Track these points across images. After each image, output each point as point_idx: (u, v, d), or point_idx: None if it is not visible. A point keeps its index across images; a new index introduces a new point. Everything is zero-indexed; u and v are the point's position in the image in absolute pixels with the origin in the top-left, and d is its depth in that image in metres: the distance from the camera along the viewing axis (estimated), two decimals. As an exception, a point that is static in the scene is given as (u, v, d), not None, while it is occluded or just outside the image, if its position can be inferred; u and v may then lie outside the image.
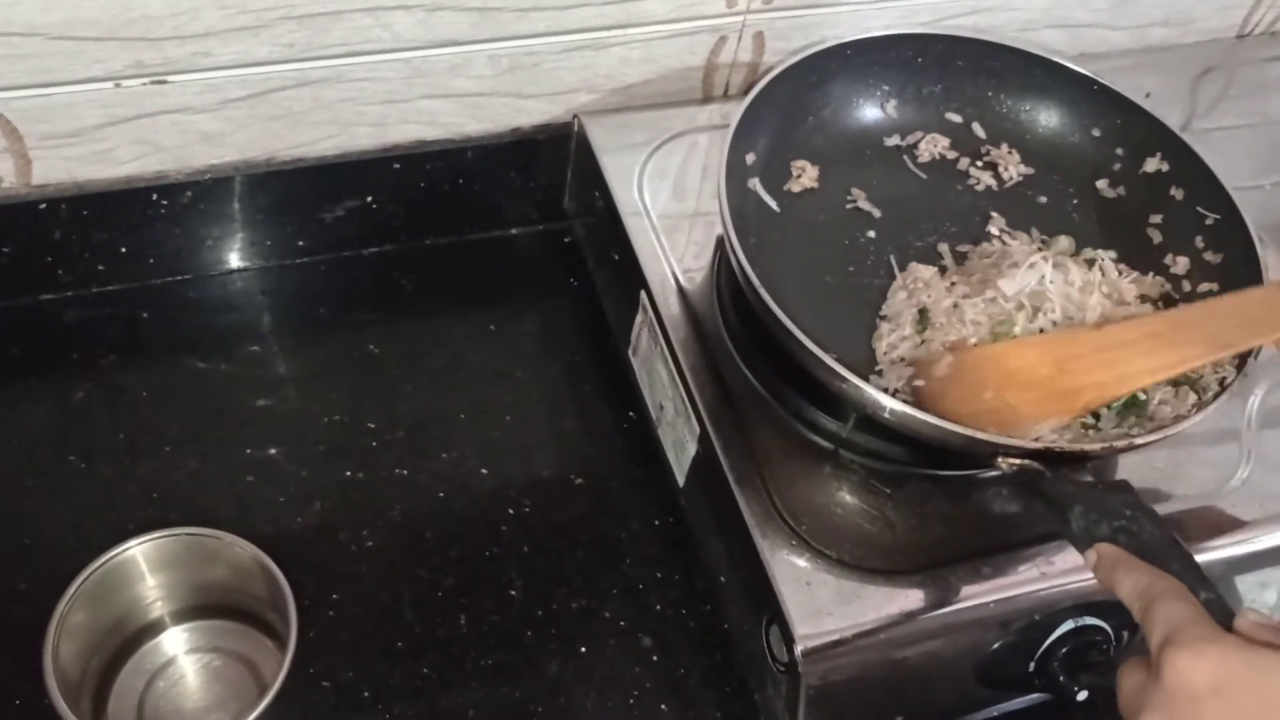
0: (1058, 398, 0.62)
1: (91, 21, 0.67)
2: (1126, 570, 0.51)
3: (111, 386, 0.78)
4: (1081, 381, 0.62)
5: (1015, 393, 0.62)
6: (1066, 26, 0.91)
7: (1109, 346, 0.63)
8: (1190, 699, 0.45)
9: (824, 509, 0.66)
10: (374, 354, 0.82)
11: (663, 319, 0.72)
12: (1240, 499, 0.69)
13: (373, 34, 0.73)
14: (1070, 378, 0.62)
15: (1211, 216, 0.73)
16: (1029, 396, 0.62)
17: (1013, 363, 0.63)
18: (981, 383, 0.63)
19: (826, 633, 0.62)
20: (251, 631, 0.68)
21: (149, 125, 0.74)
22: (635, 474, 0.78)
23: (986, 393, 0.62)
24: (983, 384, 0.63)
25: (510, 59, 0.78)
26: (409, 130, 0.81)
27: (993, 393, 0.62)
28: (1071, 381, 0.62)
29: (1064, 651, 0.65)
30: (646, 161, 0.80)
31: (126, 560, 0.63)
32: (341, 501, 0.75)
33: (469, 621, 0.71)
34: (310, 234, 0.84)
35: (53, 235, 0.77)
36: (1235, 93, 0.93)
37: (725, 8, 0.80)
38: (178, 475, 0.74)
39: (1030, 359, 0.63)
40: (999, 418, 0.62)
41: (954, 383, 0.64)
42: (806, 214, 0.76)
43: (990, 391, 0.63)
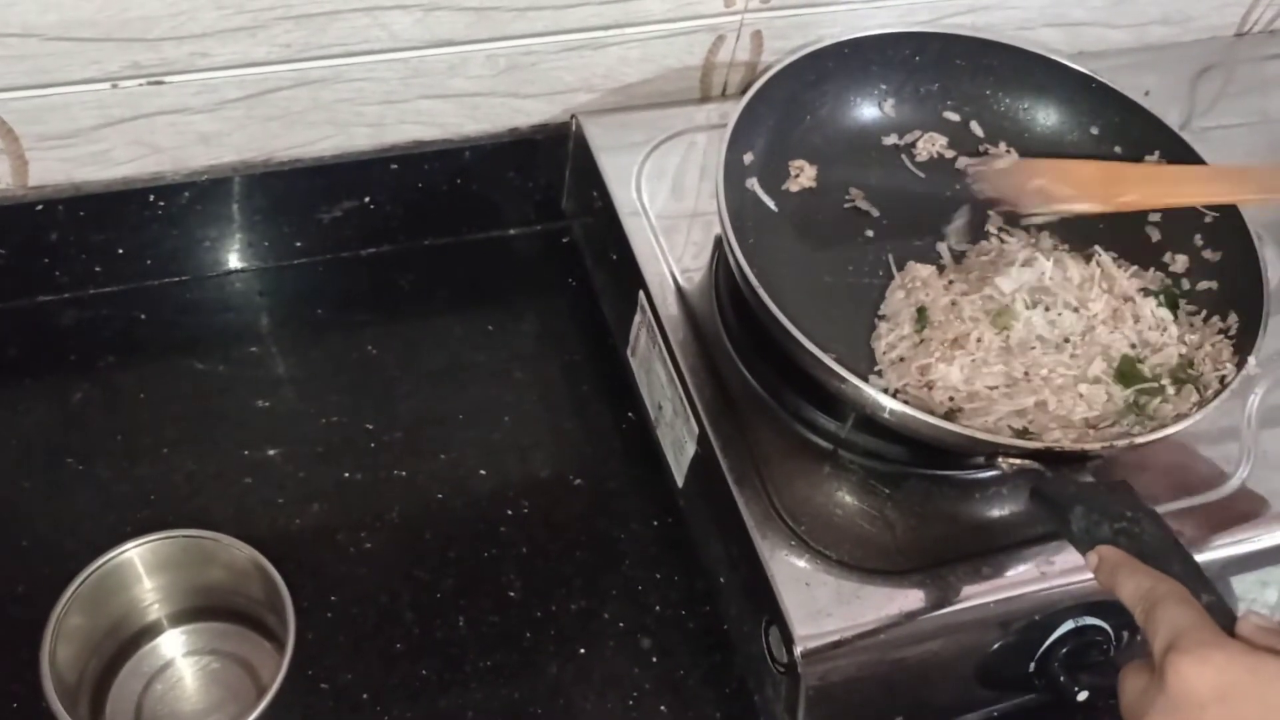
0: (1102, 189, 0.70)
1: (88, 22, 0.67)
2: (1128, 573, 0.51)
3: (109, 388, 0.77)
4: (1128, 186, 0.70)
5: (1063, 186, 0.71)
6: (1065, 25, 0.91)
7: (1164, 175, 0.71)
8: (1194, 705, 0.45)
9: (823, 509, 0.66)
10: (372, 355, 0.82)
11: (661, 319, 0.72)
12: (1241, 498, 0.69)
13: (370, 34, 0.73)
14: (1119, 185, 0.71)
15: (1210, 214, 0.73)
16: (1073, 190, 0.71)
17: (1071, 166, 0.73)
18: (1036, 172, 0.73)
19: (826, 633, 0.62)
20: (249, 633, 0.67)
21: (146, 126, 0.74)
22: (634, 474, 0.78)
23: (1038, 179, 0.71)
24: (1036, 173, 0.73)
25: (508, 59, 0.78)
26: (407, 130, 0.81)
27: (1043, 179, 0.71)
28: (1118, 186, 0.70)
29: (1064, 652, 0.65)
30: (645, 161, 0.80)
31: (123, 563, 0.63)
32: (340, 503, 0.75)
33: (468, 623, 0.71)
34: (308, 235, 0.84)
35: (50, 237, 0.77)
36: (1234, 91, 0.93)
37: (723, 7, 0.80)
38: (176, 477, 0.74)
39: (1089, 169, 0.73)
40: (1040, 196, 0.70)
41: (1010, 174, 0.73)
42: (805, 213, 0.76)
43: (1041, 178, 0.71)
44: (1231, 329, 0.69)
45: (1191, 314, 0.71)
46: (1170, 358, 0.68)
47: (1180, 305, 0.72)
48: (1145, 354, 0.68)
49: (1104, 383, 0.66)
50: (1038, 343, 0.67)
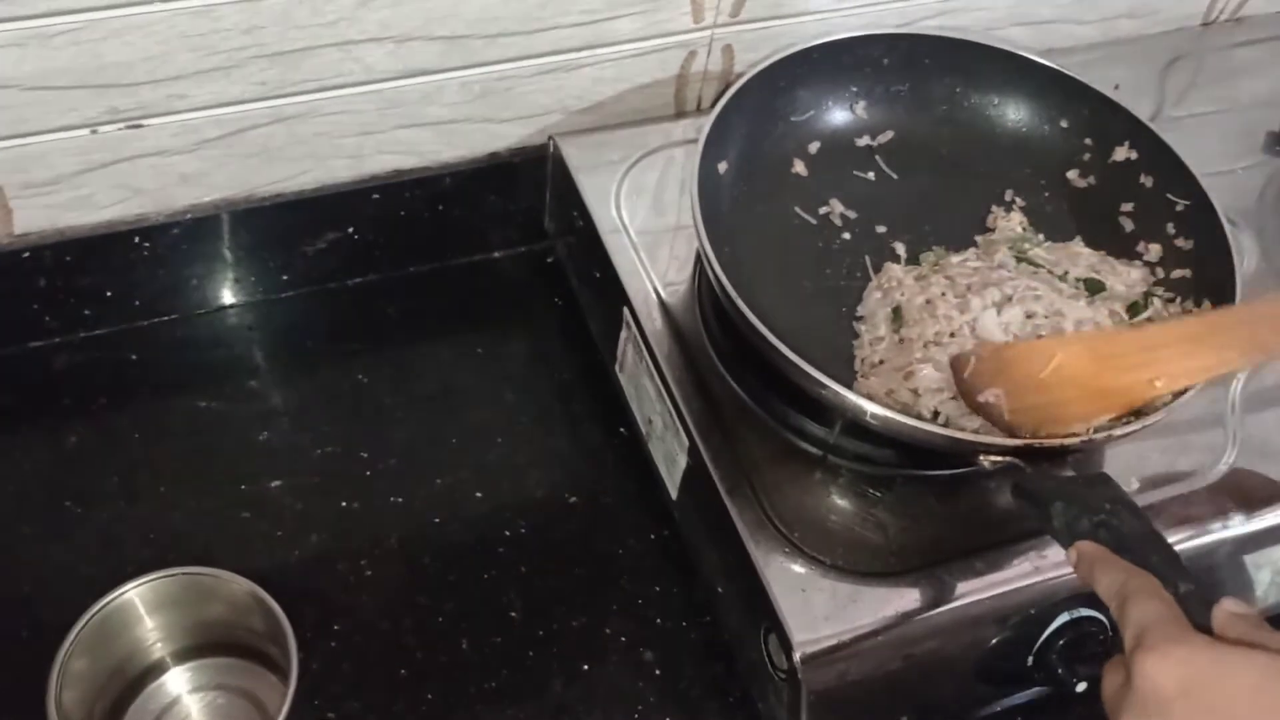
0: (1101, 396, 0.62)
1: (64, 70, 0.67)
2: (1104, 568, 0.51)
3: (104, 430, 0.78)
4: (1122, 380, 0.62)
5: (1060, 390, 0.62)
6: (1032, 24, 0.92)
7: (1147, 346, 0.63)
8: (1160, 702, 0.45)
9: (816, 515, 0.67)
10: (363, 383, 0.82)
11: (646, 334, 0.73)
12: (1228, 484, 0.70)
13: (344, 67, 0.74)
14: (1111, 375, 0.62)
15: (1181, 203, 0.73)
16: (1072, 394, 0.62)
17: (1057, 357, 0.63)
18: (1026, 382, 0.63)
19: (824, 638, 0.62)
20: (254, 667, 0.68)
21: (127, 169, 0.74)
22: (629, 489, 0.79)
23: (1031, 394, 0.63)
24: (1028, 383, 0.63)
25: (482, 85, 0.79)
26: (386, 160, 0.81)
27: (1038, 392, 0.63)
28: (1112, 380, 0.62)
29: (1061, 644, 0.65)
30: (623, 179, 0.80)
31: (124, 604, 0.63)
32: (338, 532, 0.75)
33: (470, 645, 0.71)
34: (294, 268, 0.85)
35: (37, 283, 0.78)
36: (1204, 80, 0.94)
37: (692, 23, 0.81)
38: (174, 515, 0.75)
39: (1073, 353, 0.63)
40: (1047, 414, 0.62)
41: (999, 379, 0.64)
42: (782, 220, 0.76)
43: (1035, 392, 0.63)
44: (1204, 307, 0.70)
45: (1167, 300, 0.72)
46: None
47: (1155, 300, 0.72)
48: None
49: None
50: (1012, 339, 0.67)
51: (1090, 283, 0.71)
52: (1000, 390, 0.63)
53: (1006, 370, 0.63)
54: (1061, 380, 0.62)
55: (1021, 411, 0.62)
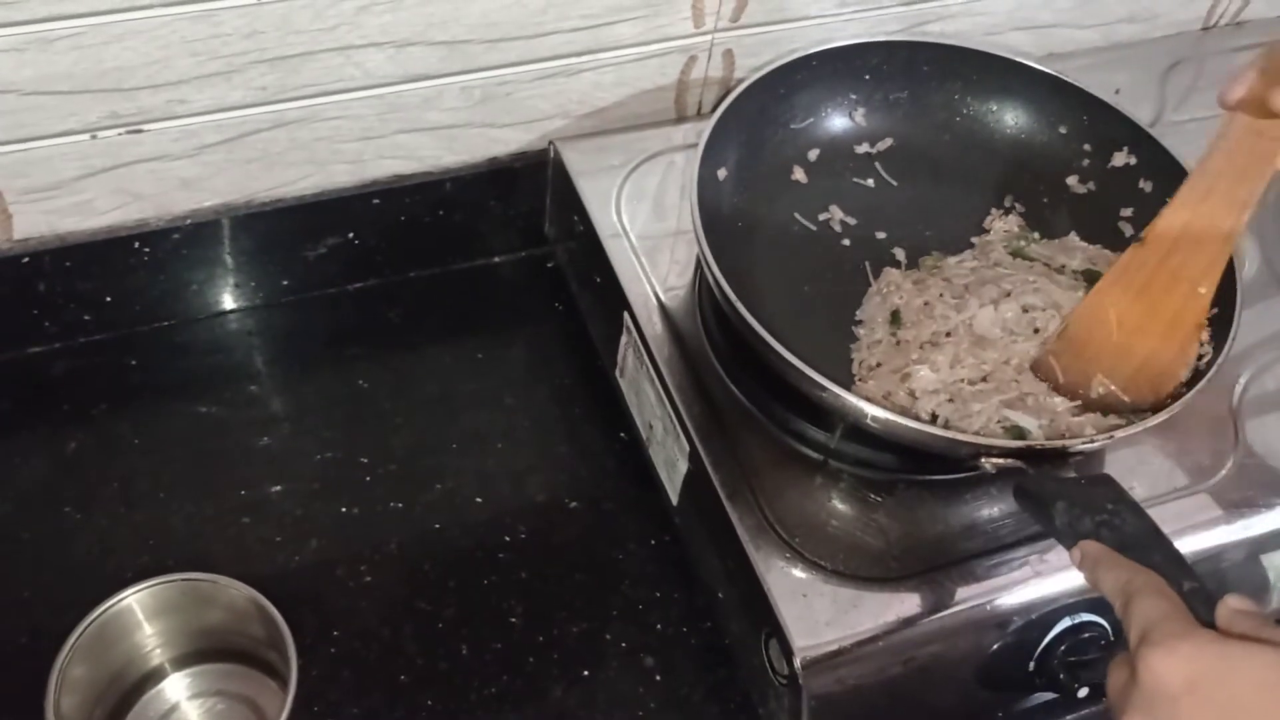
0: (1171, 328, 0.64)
1: (64, 75, 0.67)
2: (1108, 567, 0.51)
3: (103, 435, 0.78)
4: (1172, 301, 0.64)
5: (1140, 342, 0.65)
6: (1033, 28, 0.92)
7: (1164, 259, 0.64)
8: (1167, 698, 0.45)
9: (816, 520, 0.67)
10: (364, 389, 0.82)
11: (647, 339, 0.73)
12: (1231, 486, 0.70)
13: (344, 72, 0.74)
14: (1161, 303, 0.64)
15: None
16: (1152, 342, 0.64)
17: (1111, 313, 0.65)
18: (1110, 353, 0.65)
19: (825, 643, 0.62)
20: (253, 673, 0.68)
21: (127, 174, 0.74)
22: (629, 494, 0.79)
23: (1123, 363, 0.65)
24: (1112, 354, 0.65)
25: (482, 90, 0.79)
26: (386, 165, 0.81)
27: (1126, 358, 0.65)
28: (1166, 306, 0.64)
29: (1062, 649, 0.65)
30: (623, 183, 0.80)
31: (123, 610, 0.63)
32: (338, 538, 0.75)
33: (471, 651, 0.71)
34: (294, 273, 0.85)
35: (37, 288, 0.78)
36: (1204, 84, 0.94)
37: (693, 28, 0.81)
38: (174, 520, 0.75)
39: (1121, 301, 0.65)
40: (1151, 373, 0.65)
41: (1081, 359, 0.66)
42: (782, 226, 0.76)
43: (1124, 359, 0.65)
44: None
45: None
46: None
47: None
48: None
49: None
50: (1009, 334, 0.67)
51: (1088, 274, 0.71)
52: (1101, 376, 0.64)
53: (1085, 352, 0.65)
54: (1132, 331, 0.64)
55: (1132, 385, 0.64)
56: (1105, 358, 0.66)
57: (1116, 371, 0.65)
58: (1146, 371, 0.65)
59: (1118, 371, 0.65)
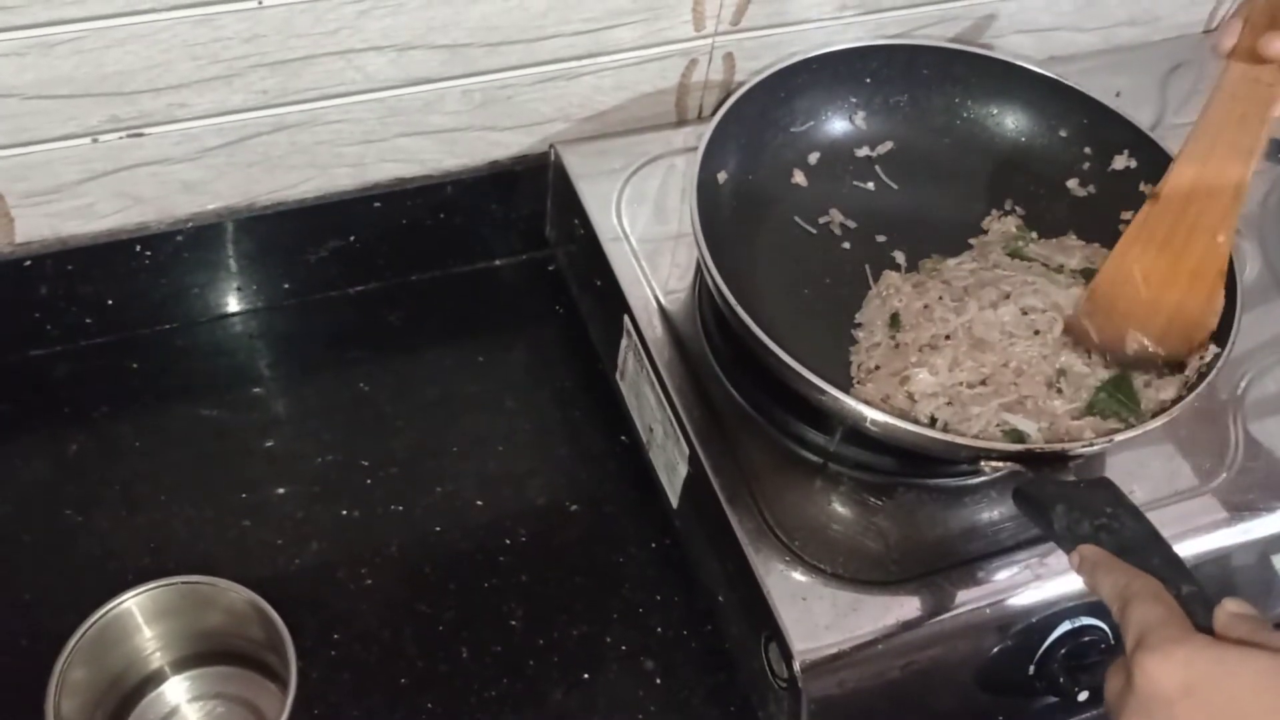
0: (1195, 278, 0.65)
1: (65, 79, 0.67)
2: (1106, 571, 0.52)
3: (105, 438, 0.78)
4: (1194, 253, 0.65)
5: (1167, 294, 0.65)
6: (1033, 31, 0.92)
7: (1180, 213, 0.65)
8: (1163, 702, 0.45)
9: (816, 523, 0.67)
10: (365, 392, 0.82)
11: (647, 342, 0.73)
12: (1235, 488, 0.70)
13: (345, 76, 0.74)
14: (1184, 256, 0.65)
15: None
16: (1178, 293, 0.65)
17: (1136, 270, 0.66)
18: (1140, 310, 0.66)
19: (825, 647, 0.62)
20: (253, 675, 0.68)
21: (128, 178, 0.75)
22: (630, 498, 0.79)
23: (1155, 318, 0.66)
24: (1143, 310, 0.66)
25: (483, 93, 0.79)
26: (387, 169, 0.82)
27: (1157, 312, 0.66)
28: (1188, 258, 0.65)
29: (1063, 653, 0.65)
30: (624, 187, 0.80)
31: (122, 613, 0.63)
32: (339, 541, 0.75)
33: (471, 654, 0.71)
34: (296, 276, 0.85)
35: (39, 291, 0.78)
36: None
37: (693, 31, 0.81)
38: (174, 523, 0.75)
39: (1144, 257, 0.66)
40: (1183, 325, 0.66)
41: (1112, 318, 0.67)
42: (782, 229, 0.76)
43: (1155, 313, 0.66)
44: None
45: None
46: None
47: None
48: None
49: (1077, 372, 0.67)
50: (1008, 337, 0.67)
51: (1087, 272, 0.72)
52: (1135, 332, 0.65)
53: (1115, 311, 0.66)
54: (1158, 286, 0.65)
55: (1165, 338, 0.65)
56: (1136, 314, 0.66)
57: (1149, 326, 0.66)
58: (1177, 323, 0.66)
59: (1150, 326, 0.66)
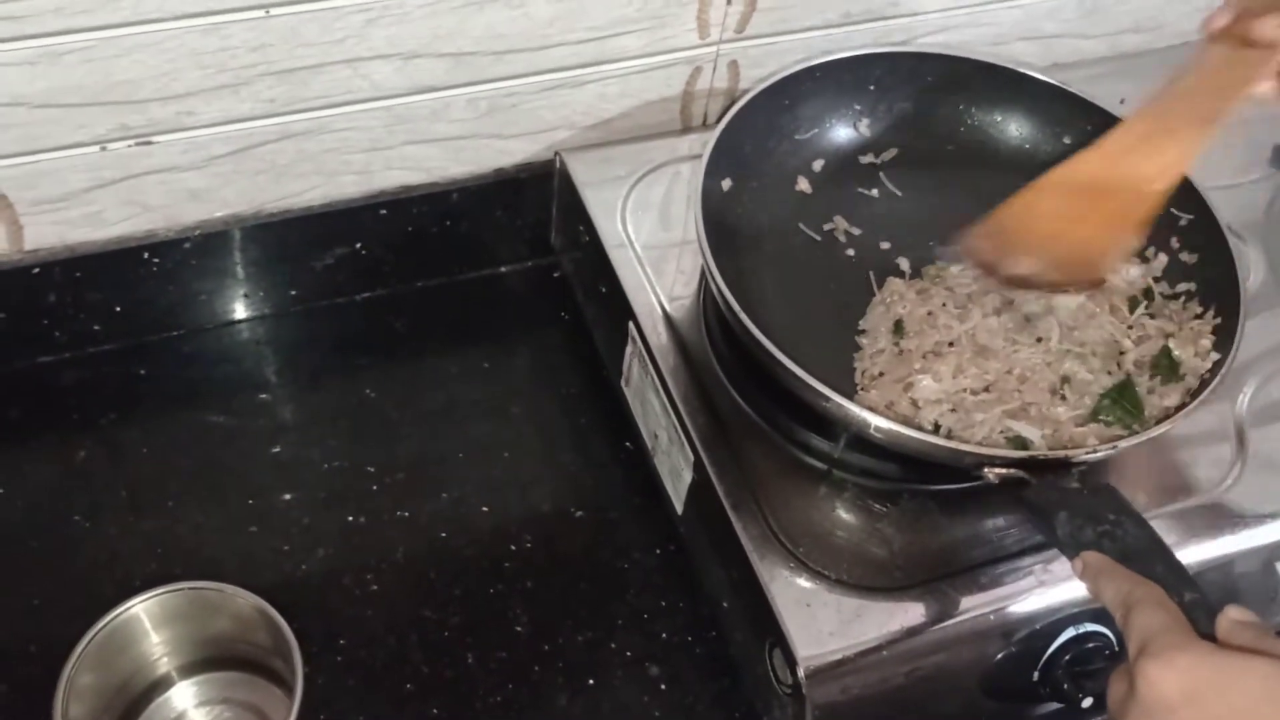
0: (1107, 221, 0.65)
1: (74, 88, 0.68)
2: (1109, 577, 0.52)
3: (112, 444, 0.78)
4: (1114, 202, 0.64)
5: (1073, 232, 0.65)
6: (1038, 38, 0.92)
7: (1114, 162, 0.64)
8: (1165, 709, 0.45)
9: (821, 529, 0.67)
10: (371, 398, 0.83)
11: (651, 348, 0.73)
12: (1237, 497, 0.69)
13: (352, 84, 0.74)
14: (1102, 202, 0.64)
15: (1185, 217, 0.74)
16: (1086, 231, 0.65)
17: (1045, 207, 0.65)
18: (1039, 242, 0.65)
19: (829, 653, 0.62)
20: (259, 680, 0.68)
21: (136, 185, 0.75)
22: (634, 504, 0.79)
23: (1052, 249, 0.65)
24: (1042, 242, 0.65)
25: (489, 101, 0.79)
26: (394, 176, 0.82)
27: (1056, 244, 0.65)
28: (1105, 205, 0.64)
29: (1067, 659, 0.65)
30: (629, 194, 0.81)
31: (130, 619, 0.64)
32: (344, 546, 0.75)
33: (476, 660, 0.72)
34: (302, 283, 0.85)
35: (47, 298, 0.78)
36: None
37: (698, 39, 0.81)
38: (181, 529, 0.75)
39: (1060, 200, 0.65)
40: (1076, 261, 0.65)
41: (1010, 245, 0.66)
42: (786, 236, 0.76)
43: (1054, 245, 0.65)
44: (1207, 315, 0.70)
45: (1168, 298, 0.72)
46: (1151, 349, 0.69)
47: (1155, 295, 0.72)
48: (1126, 345, 0.69)
49: (1081, 379, 0.67)
50: (1011, 344, 0.67)
51: None
52: (1028, 258, 0.64)
53: (1014, 240, 0.65)
54: (1065, 226, 0.64)
55: (1060, 266, 0.65)
56: (1036, 243, 0.66)
57: (1046, 254, 0.65)
58: (1078, 255, 0.65)
59: (1047, 254, 0.65)
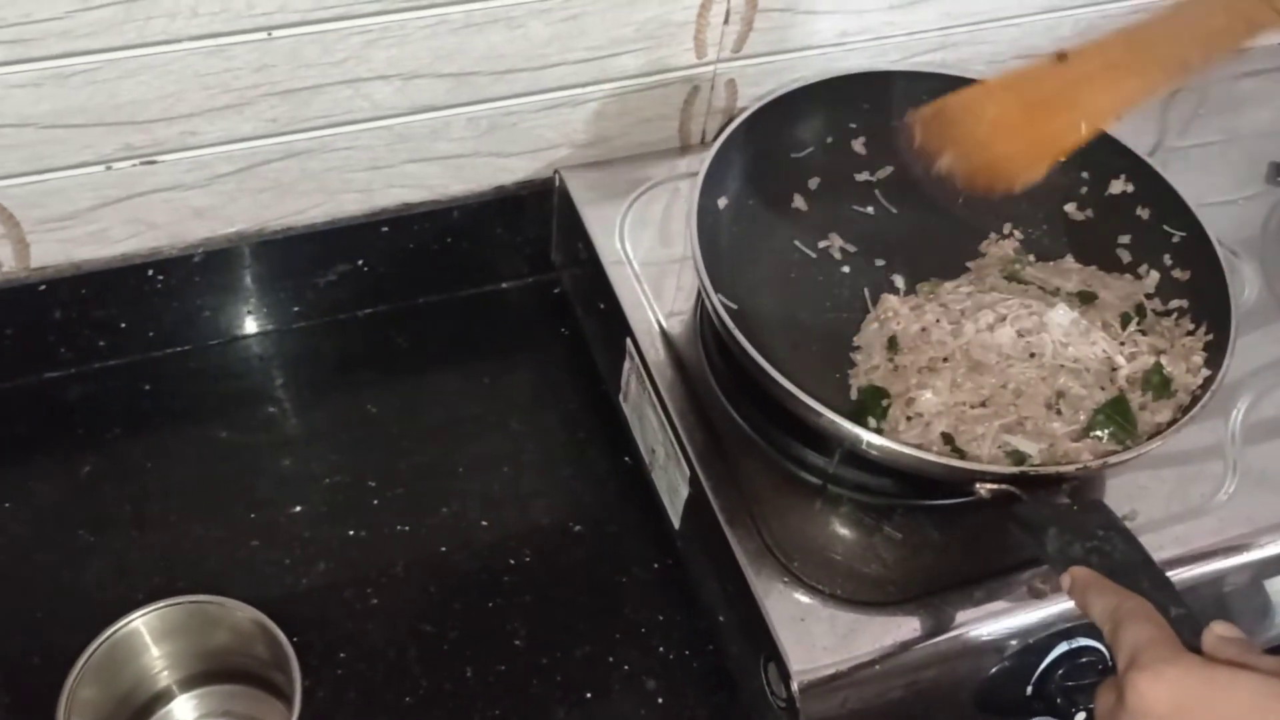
0: (1036, 145, 0.65)
1: (80, 109, 0.69)
2: (1097, 592, 0.52)
3: (117, 459, 0.79)
4: (1053, 125, 0.64)
5: (1000, 145, 0.65)
6: (1034, 56, 0.92)
7: (1072, 83, 0.64)
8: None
9: (815, 544, 0.67)
10: (372, 413, 0.83)
11: (649, 365, 0.74)
12: (1228, 514, 0.70)
13: (353, 104, 0.75)
14: (1042, 121, 0.64)
15: (1178, 234, 0.74)
16: (1011, 148, 0.65)
17: (989, 111, 0.65)
18: (970, 141, 0.66)
19: (823, 667, 0.62)
20: (259, 694, 0.69)
21: (141, 204, 0.76)
22: (633, 519, 0.79)
23: (976, 153, 0.66)
24: (971, 143, 0.66)
25: (489, 120, 0.80)
26: (395, 194, 0.83)
27: (982, 150, 0.65)
28: (1044, 125, 0.64)
29: (1060, 674, 0.65)
30: (627, 211, 0.81)
31: (130, 633, 0.64)
32: (345, 561, 0.76)
33: (475, 674, 0.72)
34: (305, 300, 0.86)
35: (53, 315, 0.79)
36: (1206, 111, 0.94)
37: (695, 58, 0.82)
38: (185, 543, 0.76)
39: (1004, 105, 0.65)
40: (995, 171, 0.65)
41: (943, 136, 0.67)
42: (782, 254, 0.77)
43: (980, 150, 0.66)
44: (1199, 332, 0.70)
45: (1160, 314, 0.72)
46: (1144, 365, 0.69)
47: (1147, 312, 0.72)
48: (1119, 362, 0.69)
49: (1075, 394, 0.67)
50: (1005, 359, 0.68)
51: (1084, 295, 0.72)
52: (951, 156, 0.65)
53: (949, 132, 0.66)
54: (999, 135, 0.65)
55: (973, 176, 0.65)
56: (964, 141, 0.66)
57: (967, 158, 0.66)
58: (993, 171, 0.65)
59: (968, 159, 0.66)
